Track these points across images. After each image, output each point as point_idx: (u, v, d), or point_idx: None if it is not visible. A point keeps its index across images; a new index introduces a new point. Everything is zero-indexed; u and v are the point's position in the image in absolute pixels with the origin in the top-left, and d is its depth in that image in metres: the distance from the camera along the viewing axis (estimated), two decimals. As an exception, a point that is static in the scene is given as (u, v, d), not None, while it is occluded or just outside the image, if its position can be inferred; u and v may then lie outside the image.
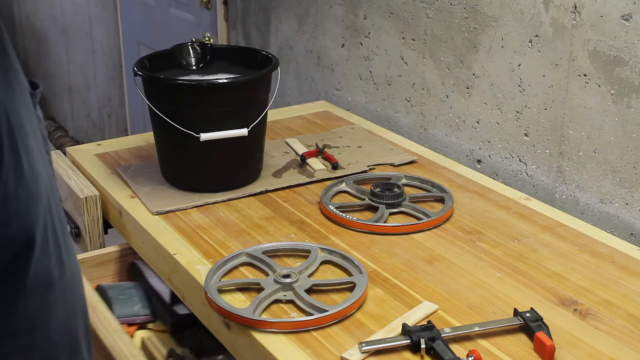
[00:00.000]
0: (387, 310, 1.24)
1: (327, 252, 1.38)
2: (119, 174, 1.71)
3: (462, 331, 1.16)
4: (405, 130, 2.07)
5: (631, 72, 1.47)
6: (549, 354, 1.11)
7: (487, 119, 1.81)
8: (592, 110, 1.56)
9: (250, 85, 1.60)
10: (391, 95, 2.10)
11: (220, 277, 1.31)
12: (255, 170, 1.69)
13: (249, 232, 1.47)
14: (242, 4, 2.69)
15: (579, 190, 1.62)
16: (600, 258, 1.39)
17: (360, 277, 1.29)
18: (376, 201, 1.55)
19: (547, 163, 1.68)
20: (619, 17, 1.46)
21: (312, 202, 1.60)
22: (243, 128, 1.58)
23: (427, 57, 1.95)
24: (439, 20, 1.88)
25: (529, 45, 1.67)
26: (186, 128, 1.55)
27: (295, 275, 1.28)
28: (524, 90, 1.70)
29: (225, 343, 1.27)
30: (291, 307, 1.24)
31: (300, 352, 1.13)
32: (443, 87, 1.92)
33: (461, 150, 1.90)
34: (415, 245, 1.43)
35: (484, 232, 1.48)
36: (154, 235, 1.46)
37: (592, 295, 1.28)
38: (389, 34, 2.06)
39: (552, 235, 1.47)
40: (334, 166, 1.74)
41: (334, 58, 2.29)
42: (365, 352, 1.12)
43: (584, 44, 1.55)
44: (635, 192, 1.51)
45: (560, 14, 1.58)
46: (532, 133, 1.70)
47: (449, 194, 1.59)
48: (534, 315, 1.18)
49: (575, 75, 1.58)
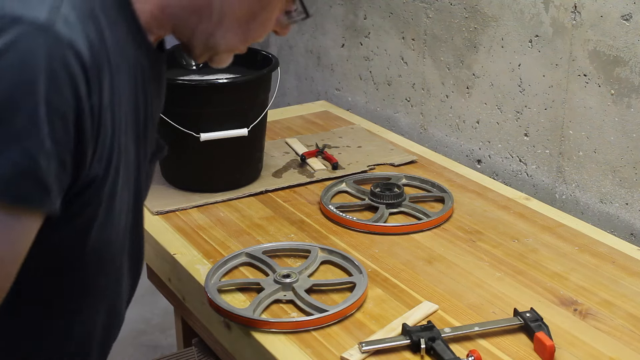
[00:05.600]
0: (387, 310, 1.24)
1: (327, 252, 1.38)
2: (119, 174, 1.70)
3: (462, 331, 1.16)
4: (405, 130, 2.07)
5: (631, 72, 1.47)
6: (549, 354, 1.11)
7: (487, 119, 1.81)
8: (592, 110, 1.56)
9: (250, 85, 1.60)
10: (391, 95, 2.10)
11: (220, 277, 1.31)
12: (255, 170, 1.69)
13: (249, 232, 1.47)
14: (242, 4, 2.69)
15: (579, 190, 1.62)
16: (600, 258, 1.39)
17: (360, 277, 1.29)
18: (376, 201, 1.55)
19: (547, 163, 1.68)
20: (619, 17, 1.46)
21: (312, 202, 1.60)
22: (243, 128, 1.58)
23: (427, 57, 1.95)
24: (439, 20, 1.88)
25: (529, 45, 1.67)
26: (186, 128, 1.55)
27: (295, 275, 1.28)
28: (524, 90, 1.70)
29: (225, 343, 1.27)
30: (291, 307, 1.24)
31: (300, 352, 1.13)
32: (443, 87, 1.92)
33: (461, 150, 1.90)
34: (415, 245, 1.43)
35: (484, 232, 1.48)
36: (154, 235, 1.46)
37: (592, 295, 1.28)
38: (389, 34, 2.06)
39: (552, 235, 1.47)
40: (334, 166, 1.74)
41: (334, 58, 2.29)
42: (365, 352, 1.12)
43: (584, 44, 1.55)
44: (635, 192, 1.51)
45: (560, 14, 1.58)
46: (532, 133, 1.70)
47: (449, 194, 1.59)
48: (534, 315, 1.18)
49: (575, 75, 1.58)
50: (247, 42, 0.94)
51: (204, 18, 0.89)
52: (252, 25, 0.92)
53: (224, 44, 0.92)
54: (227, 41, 0.92)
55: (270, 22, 0.93)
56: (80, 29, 0.75)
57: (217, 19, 0.89)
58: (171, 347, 2.44)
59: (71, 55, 0.73)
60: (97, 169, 0.81)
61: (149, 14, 0.88)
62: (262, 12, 0.91)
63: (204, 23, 0.90)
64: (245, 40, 0.93)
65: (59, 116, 0.73)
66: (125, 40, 0.85)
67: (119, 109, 0.84)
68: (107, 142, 0.81)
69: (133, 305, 1.12)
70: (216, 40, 0.92)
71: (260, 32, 0.93)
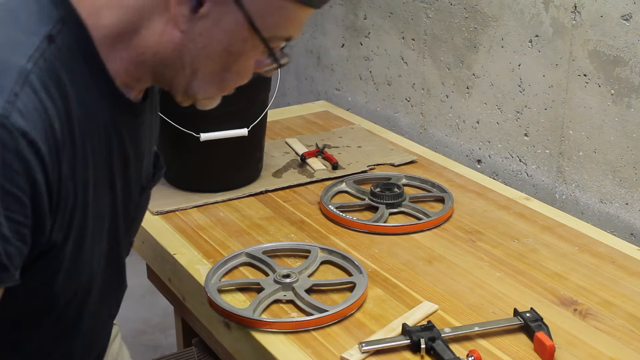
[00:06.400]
0: (387, 310, 1.24)
1: (327, 252, 1.38)
2: (119, 174, 1.71)
3: (462, 331, 1.16)
4: (405, 130, 2.07)
5: (631, 72, 1.47)
6: (549, 354, 1.11)
7: (487, 119, 1.81)
8: (592, 110, 1.56)
9: (250, 85, 1.58)
10: (391, 95, 2.10)
11: (220, 277, 1.31)
12: (255, 170, 1.69)
13: (249, 232, 1.47)
14: (242, 4, 2.69)
15: (579, 190, 1.62)
16: (600, 258, 1.39)
17: (360, 277, 1.29)
18: (376, 201, 1.55)
19: (547, 163, 1.68)
20: (619, 17, 1.46)
21: (312, 202, 1.60)
22: (243, 128, 1.58)
23: (427, 57, 1.95)
24: (439, 20, 1.88)
25: (529, 45, 1.67)
26: (186, 128, 1.55)
27: (295, 275, 1.28)
28: (524, 90, 1.70)
29: (225, 343, 1.27)
30: (291, 307, 1.24)
31: (300, 352, 1.13)
32: (443, 87, 1.92)
33: (461, 150, 1.90)
34: (415, 245, 1.43)
35: (484, 232, 1.48)
36: (154, 235, 1.46)
37: (592, 295, 1.28)
38: (389, 34, 2.06)
39: (552, 235, 1.47)
40: (334, 166, 1.74)
41: (334, 58, 2.29)
42: (365, 352, 1.12)
43: (584, 44, 1.55)
44: (635, 192, 1.51)
45: (560, 14, 1.58)
46: (532, 133, 1.70)
47: (449, 194, 1.59)
48: (534, 315, 1.18)
49: (575, 75, 1.58)
50: (225, 90, 0.96)
51: (178, 71, 0.91)
52: (227, 75, 0.93)
53: (202, 93, 0.95)
54: (205, 91, 0.94)
55: (247, 70, 0.95)
56: (37, 116, 0.79)
57: (190, 72, 0.91)
58: (171, 347, 2.44)
59: (24, 145, 0.77)
60: (57, 235, 0.86)
61: (125, 72, 0.90)
62: (235, 63, 0.92)
63: (179, 76, 0.92)
64: (223, 88, 0.96)
65: (15, 201, 0.78)
66: (98, 103, 0.88)
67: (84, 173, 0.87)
68: (69, 209, 0.86)
69: (133, 305, 1.13)
70: (194, 90, 0.94)
71: (237, 80, 0.95)
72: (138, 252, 1.57)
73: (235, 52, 0.90)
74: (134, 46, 0.88)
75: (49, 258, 0.87)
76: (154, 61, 0.90)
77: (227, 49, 0.89)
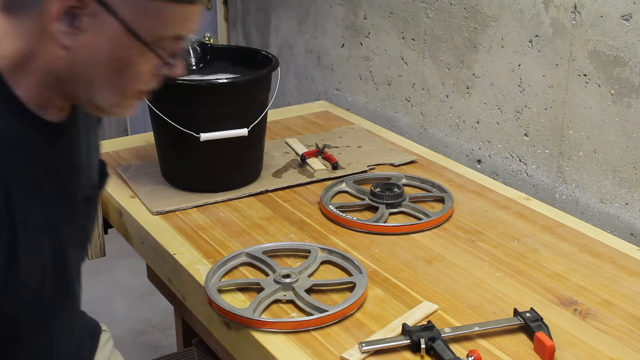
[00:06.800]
0: (387, 310, 1.24)
1: (327, 252, 1.38)
2: (119, 174, 1.71)
3: (462, 331, 1.16)
4: (405, 130, 2.07)
5: (631, 72, 1.47)
6: (549, 354, 1.11)
7: (487, 119, 1.81)
8: (592, 110, 1.56)
9: (250, 85, 1.60)
10: (391, 95, 2.10)
11: (220, 277, 1.31)
12: (255, 170, 1.69)
13: (249, 232, 1.47)
14: (242, 4, 2.70)
15: (579, 190, 1.62)
16: (600, 258, 1.39)
17: (360, 277, 1.29)
18: (376, 201, 1.55)
19: (547, 163, 1.68)
20: (619, 17, 1.46)
21: (312, 202, 1.60)
22: (243, 128, 1.58)
23: (427, 57, 1.95)
24: (439, 20, 1.88)
25: (529, 45, 1.67)
26: (186, 128, 1.55)
27: (295, 275, 1.28)
28: (524, 90, 1.70)
29: (225, 343, 1.27)
30: (291, 307, 1.24)
31: (300, 352, 1.14)
32: (443, 87, 1.92)
33: (461, 150, 1.90)
34: (415, 245, 1.43)
35: (484, 232, 1.48)
36: (154, 235, 1.46)
37: (592, 295, 1.28)
38: (389, 34, 2.06)
39: (552, 235, 1.47)
40: (334, 166, 1.74)
41: (334, 58, 2.29)
42: (365, 352, 1.12)
43: (584, 44, 1.55)
44: (635, 192, 1.51)
45: (560, 14, 1.58)
46: (532, 133, 1.70)
47: (449, 194, 1.59)
48: (534, 315, 1.18)
49: (575, 75, 1.58)
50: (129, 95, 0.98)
51: (75, 85, 0.95)
52: (123, 81, 0.95)
53: (105, 102, 0.97)
54: (106, 99, 0.97)
55: (144, 75, 0.96)
56: None
57: (85, 83, 0.94)
58: (171, 347, 2.44)
59: None
60: None
61: (35, 96, 0.94)
62: (128, 69, 0.94)
63: (78, 89, 0.95)
64: (125, 94, 0.97)
65: None
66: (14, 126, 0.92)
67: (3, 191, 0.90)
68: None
69: (133, 305, 1.14)
70: (96, 101, 0.97)
71: (136, 85, 0.97)
72: (138, 252, 1.57)
73: (123, 58, 0.93)
74: (34, 70, 0.92)
75: None
76: (55, 80, 0.94)
77: (112, 56, 0.92)
